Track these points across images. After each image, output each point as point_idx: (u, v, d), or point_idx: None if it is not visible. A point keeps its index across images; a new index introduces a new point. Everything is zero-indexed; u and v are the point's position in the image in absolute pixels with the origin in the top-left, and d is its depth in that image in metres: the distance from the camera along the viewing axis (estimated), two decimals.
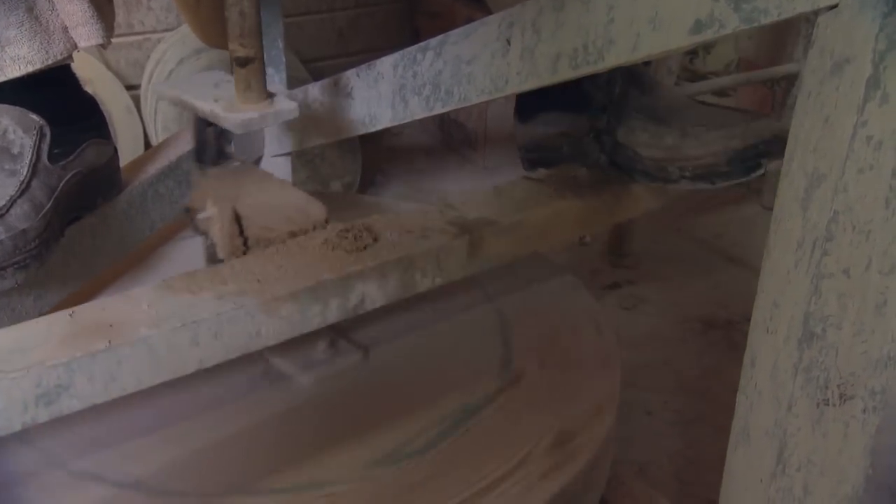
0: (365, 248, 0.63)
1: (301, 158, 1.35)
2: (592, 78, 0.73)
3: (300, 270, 0.60)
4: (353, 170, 1.45)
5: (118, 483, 0.59)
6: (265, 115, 0.74)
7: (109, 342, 0.51)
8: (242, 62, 0.73)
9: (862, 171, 0.44)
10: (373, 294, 0.62)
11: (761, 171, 0.66)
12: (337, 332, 0.73)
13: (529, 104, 0.81)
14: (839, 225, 0.46)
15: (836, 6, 0.43)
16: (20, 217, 0.66)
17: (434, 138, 1.67)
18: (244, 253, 0.67)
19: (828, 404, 0.50)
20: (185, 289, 0.57)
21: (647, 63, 0.80)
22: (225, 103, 0.76)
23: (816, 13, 0.45)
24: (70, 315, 0.54)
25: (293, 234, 0.67)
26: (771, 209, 1.22)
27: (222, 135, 0.78)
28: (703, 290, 1.22)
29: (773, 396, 0.51)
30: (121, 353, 0.51)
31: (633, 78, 0.73)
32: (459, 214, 0.69)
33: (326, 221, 0.69)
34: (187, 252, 0.90)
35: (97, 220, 0.79)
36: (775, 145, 0.65)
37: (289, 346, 0.63)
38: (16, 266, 0.65)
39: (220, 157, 0.81)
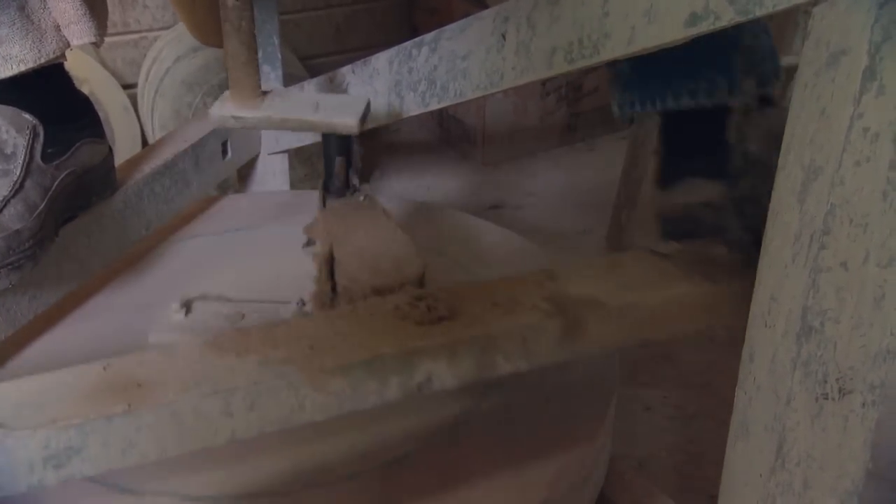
0: (439, 320, 0.55)
1: (299, 156, 1.35)
2: (727, 135, 0.68)
3: (360, 340, 0.54)
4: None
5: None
6: (253, 116, 0.71)
7: (129, 405, 0.47)
8: (235, 62, 0.72)
9: (859, 163, 0.44)
10: (442, 375, 0.54)
11: None
12: None
13: (672, 169, 0.73)
14: (836, 218, 0.45)
15: None
16: (14, 217, 0.66)
17: (432, 134, 1.67)
18: (331, 303, 0.63)
19: (827, 399, 0.50)
20: (233, 349, 0.52)
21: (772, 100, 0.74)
22: (227, 101, 0.74)
23: (812, 4, 0.44)
24: (104, 368, 0.50)
25: (377, 291, 0.61)
26: None
27: (351, 165, 0.73)
28: None
29: (771, 391, 0.51)
30: (141, 418, 0.47)
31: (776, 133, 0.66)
32: (560, 288, 0.59)
33: (421, 281, 0.63)
34: (183, 252, 0.90)
35: (92, 219, 0.79)
36: None
37: None
38: (10, 267, 0.65)
39: (347, 187, 0.75)
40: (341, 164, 0.74)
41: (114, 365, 0.50)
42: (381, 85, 0.85)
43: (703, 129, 0.72)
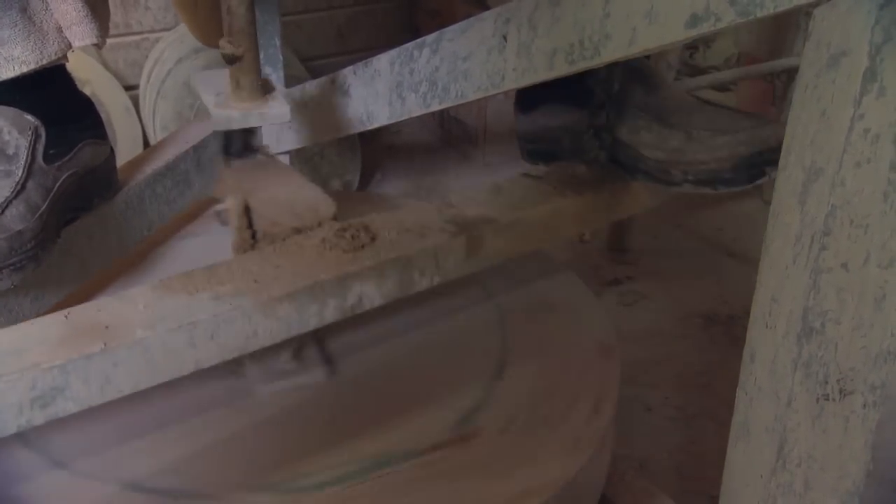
0: (362, 247, 0.63)
1: (300, 156, 1.35)
2: (593, 73, 0.73)
3: (297, 270, 0.59)
4: (352, 168, 1.45)
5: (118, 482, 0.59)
6: (253, 114, 0.74)
7: (105, 344, 0.50)
8: (230, 59, 0.73)
9: (859, 164, 0.44)
10: (371, 294, 0.61)
11: (765, 179, 0.65)
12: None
13: (531, 95, 0.80)
14: (837, 219, 0.45)
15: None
16: (16, 218, 0.66)
17: (434, 135, 1.67)
18: (252, 247, 0.67)
19: (828, 399, 0.50)
20: (182, 289, 0.57)
21: (648, 57, 0.80)
22: (220, 98, 0.75)
23: (813, 6, 0.44)
24: (66, 316, 0.53)
25: (298, 231, 0.67)
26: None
27: (249, 129, 0.78)
28: (704, 285, 1.22)
29: (772, 392, 0.51)
30: (116, 355, 0.51)
31: (639, 76, 0.73)
32: (458, 212, 0.68)
33: (335, 218, 0.68)
34: (185, 252, 0.90)
35: (94, 220, 0.79)
36: (780, 153, 0.64)
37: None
38: (12, 267, 0.65)
39: (246, 149, 0.80)
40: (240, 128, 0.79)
41: (75, 313, 0.54)
42: (383, 86, 0.85)
43: None
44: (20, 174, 0.68)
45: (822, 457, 0.52)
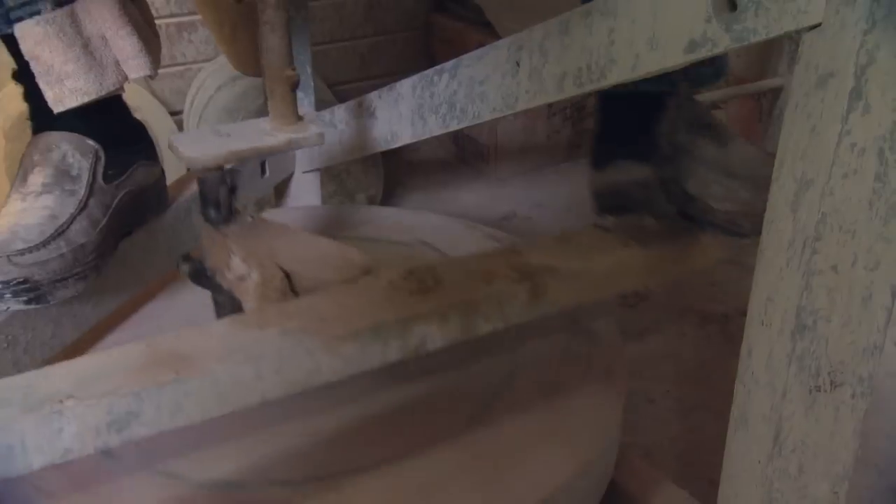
0: (428, 290, 0.58)
1: (328, 173, 1.36)
2: (657, 127, 0.70)
3: (363, 311, 0.56)
4: (376, 183, 1.45)
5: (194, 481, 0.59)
6: (294, 139, 0.71)
7: (177, 374, 0.49)
8: (274, 89, 0.72)
9: (847, 175, 0.44)
10: (434, 336, 0.57)
11: None
12: None
13: (604, 154, 0.77)
14: (827, 225, 0.45)
15: (819, 25, 0.43)
16: (79, 232, 0.67)
17: (449, 152, 1.67)
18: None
19: (819, 391, 0.50)
20: (255, 324, 0.54)
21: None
22: (260, 128, 0.74)
23: (801, 32, 0.44)
24: (146, 346, 0.52)
25: (348, 283, 0.62)
26: None
27: (232, 192, 0.70)
28: (699, 287, 1.22)
29: (768, 384, 0.51)
30: (188, 385, 0.49)
31: (707, 131, 0.69)
32: (524, 260, 0.63)
33: (369, 267, 0.64)
34: None
35: (147, 234, 0.80)
36: None
37: None
38: (76, 277, 0.66)
39: (231, 214, 0.70)
40: (224, 191, 0.69)
41: (155, 342, 0.52)
42: (406, 108, 0.85)
43: (634, 119, 0.74)
44: (83, 193, 0.69)
45: (815, 443, 0.52)
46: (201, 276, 0.69)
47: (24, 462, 0.45)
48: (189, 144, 0.67)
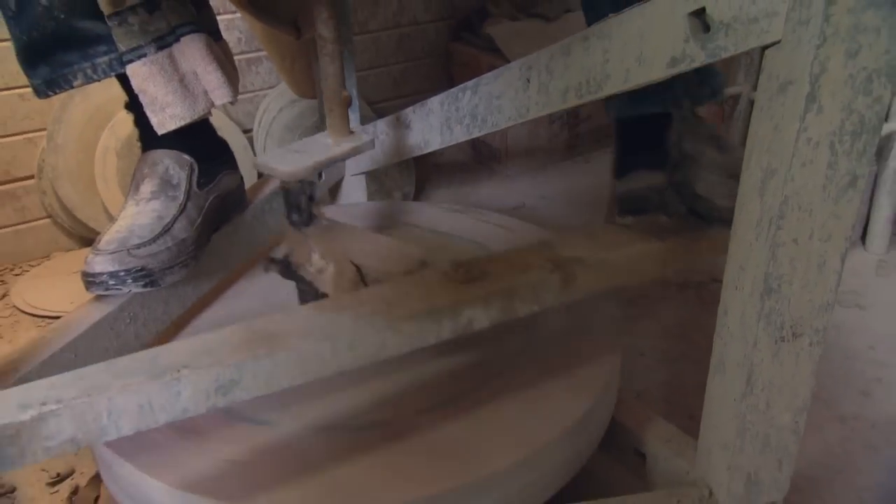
0: (475, 280, 0.57)
1: (371, 175, 1.36)
2: (667, 138, 0.69)
3: (421, 297, 0.55)
4: (409, 182, 1.45)
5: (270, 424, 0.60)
6: (349, 148, 0.72)
7: (269, 350, 0.49)
8: (331, 108, 0.73)
9: (804, 165, 0.44)
10: (479, 318, 0.56)
11: None
12: None
13: (623, 165, 0.76)
14: (788, 206, 0.45)
15: (779, 42, 0.43)
16: (181, 230, 0.68)
17: (468, 155, 1.67)
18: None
19: (783, 341, 0.50)
20: (333, 308, 0.54)
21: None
22: (323, 138, 0.74)
23: (764, 48, 0.44)
24: (245, 326, 0.52)
25: (409, 274, 0.63)
26: None
27: (311, 200, 0.69)
28: None
29: (741, 337, 0.51)
30: (277, 358, 0.49)
31: (711, 140, 0.68)
32: (556, 253, 0.61)
33: (425, 260, 0.64)
34: None
35: (232, 229, 0.81)
36: None
37: None
38: (180, 265, 0.68)
39: (310, 218, 0.70)
40: (305, 199, 0.68)
41: (252, 324, 0.52)
42: (436, 121, 0.85)
43: (646, 134, 0.73)
44: (182, 198, 0.70)
45: (780, 383, 0.52)
46: (288, 271, 0.69)
47: (151, 419, 0.46)
48: (278, 162, 0.67)
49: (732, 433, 0.54)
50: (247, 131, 1.44)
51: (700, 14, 0.45)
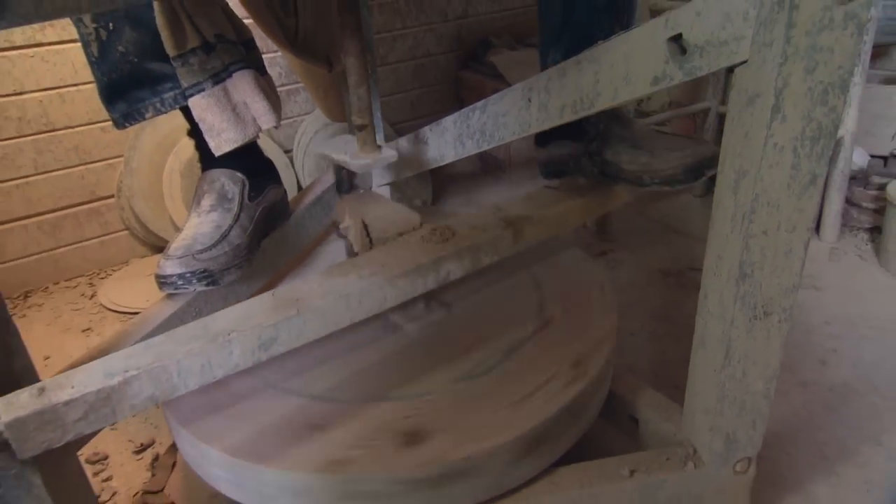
0: (447, 240, 0.62)
1: (393, 185, 1.37)
2: (586, 118, 0.71)
3: (408, 258, 0.59)
4: (427, 191, 1.46)
5: (304, 394, 0.59)
6: (376, 160, 0.75)
7: (297, 311, 0.51)
8: (360, 128, 0.74)
9: (772, 166, 0.44)
10: (454, 270, 0.61)
11: (704, 178, 0.63)
12: (428, 296, 0.70)
13: (545, 135, 0.79)
14: (759, 202, 0.45)
15: (747, 61, 0.43)
16: (236, 236, 0.69)
17: (476, 166, 1.67)
18: (370, 248, 0.67)
19: (756, 319, 0.50)
20: (339, 273, 0.57)
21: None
22: (351, 154, 0.77)
23: (733, 67, 0.44)
24: (272, 295, 0.54)
25: (400, 234, 0.68)
26: (700, 197, 1.18)
27: (352, 174, 0.79)
28: (660, 252, 1.20)
29: (720, 316, 0.51)
30: (305, 316, 0.51)
31: (617, 118, 0.71)
32: (506, 213, 0.67)
33: (420, 224, 0.69)
34: (328, 253, 0.92)
35: (278, 235, 0.82)
36: (712, 161, 0.63)
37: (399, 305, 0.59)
38: (236, 266, 0.68)
39: (351, 188, 0.82)
40: (346, 173, 0.83)
41: (278, 292, 0.54)
42: (449, 137, 0.85)
43: None
44: (236, 210, 0.71)
45: (753, 355, 0.52)
46: (339, 231, 0.76)
47: (210, 374, 0.48)
48: (336, 151, 0.78)
49: (713, 399, 0.54)
50: (287, 151, 1.45)
51: (678, 39, 0.45)
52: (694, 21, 0.44)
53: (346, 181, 0.84)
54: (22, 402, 0.43)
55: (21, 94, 1.11)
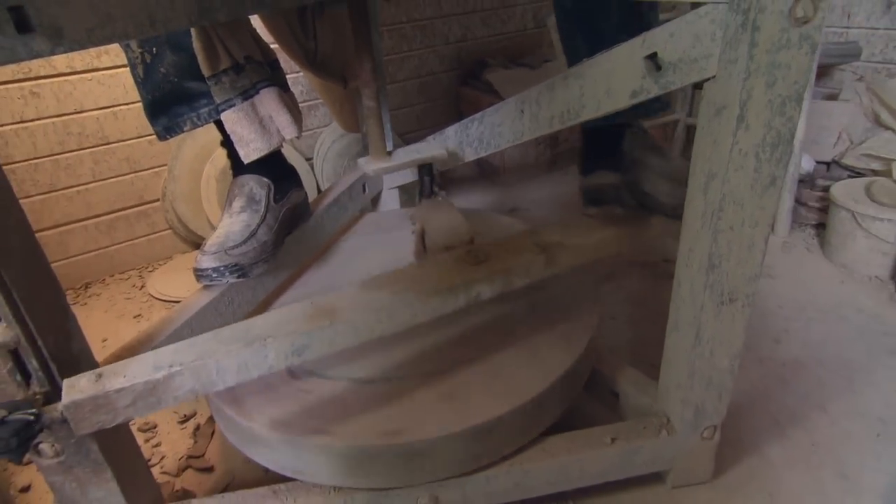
0: (481, 263, 0.57)
1: (402, 188, 1.36)
2: (620, 148, 0.70)
3: (442, 277, 0.55)
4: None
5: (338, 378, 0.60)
6: (387, 166, 0.75)
7: (330, 321, 0.49)
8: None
9: (737, 169, 0.44)
10: (485, 292, 0.56)
11: None
12: None
13: (587, 167, 0.76)
14: (726, 201, 0.45)
15: (714, 76, 0.43)
16: (263, 234, 0.69)
17: (473, 171, 1.66)
18: (424, 255, 0.66)
19: (723, 304, 0.50)
20: (375, 287, 0.54)
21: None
22: (366, 160, 0.77)
23: (702, 81, 0.44)
24: (311, 303, 0.52)
25: (447, 248, 0.64)
26: None
27: (433, 180, 0.75)
28: (639, 248, 1.20)
29: (692, 302, 0.51)
30: (336, 327, 0.49)
31: (655, 150, 0.69)
32: (541, 238, 0.61)
33: (472, 238, 0.65)
34: (347, 246, 0.91)
35: (299, 233, 0.81)
36: None
37: None
38: (263, 261, 0.68)
39: (431, 193, 0.78)
40: (428, 180, 0.78)
41: (316, 301, 0.52)
42: (451, 144, 0.85)
43: (606, 143, 0.74)
44: (263, 210, 0.71)
45: (721, 336, 0.52)
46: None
47: (247, 374, 0.48)
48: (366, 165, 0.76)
49: (685, 375, 0.55)
50: (308, 159, 1.45)
51: (653, 57, 0.45)
52: (668, 41, 0.44)
53: (427, 187, 0.80)
54: (81, 385, 0.43)
55: (81, 112, 1.14)
